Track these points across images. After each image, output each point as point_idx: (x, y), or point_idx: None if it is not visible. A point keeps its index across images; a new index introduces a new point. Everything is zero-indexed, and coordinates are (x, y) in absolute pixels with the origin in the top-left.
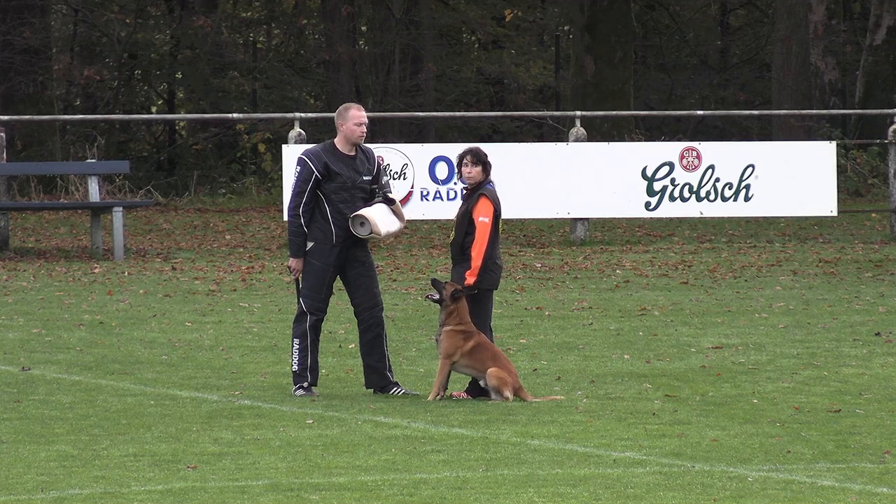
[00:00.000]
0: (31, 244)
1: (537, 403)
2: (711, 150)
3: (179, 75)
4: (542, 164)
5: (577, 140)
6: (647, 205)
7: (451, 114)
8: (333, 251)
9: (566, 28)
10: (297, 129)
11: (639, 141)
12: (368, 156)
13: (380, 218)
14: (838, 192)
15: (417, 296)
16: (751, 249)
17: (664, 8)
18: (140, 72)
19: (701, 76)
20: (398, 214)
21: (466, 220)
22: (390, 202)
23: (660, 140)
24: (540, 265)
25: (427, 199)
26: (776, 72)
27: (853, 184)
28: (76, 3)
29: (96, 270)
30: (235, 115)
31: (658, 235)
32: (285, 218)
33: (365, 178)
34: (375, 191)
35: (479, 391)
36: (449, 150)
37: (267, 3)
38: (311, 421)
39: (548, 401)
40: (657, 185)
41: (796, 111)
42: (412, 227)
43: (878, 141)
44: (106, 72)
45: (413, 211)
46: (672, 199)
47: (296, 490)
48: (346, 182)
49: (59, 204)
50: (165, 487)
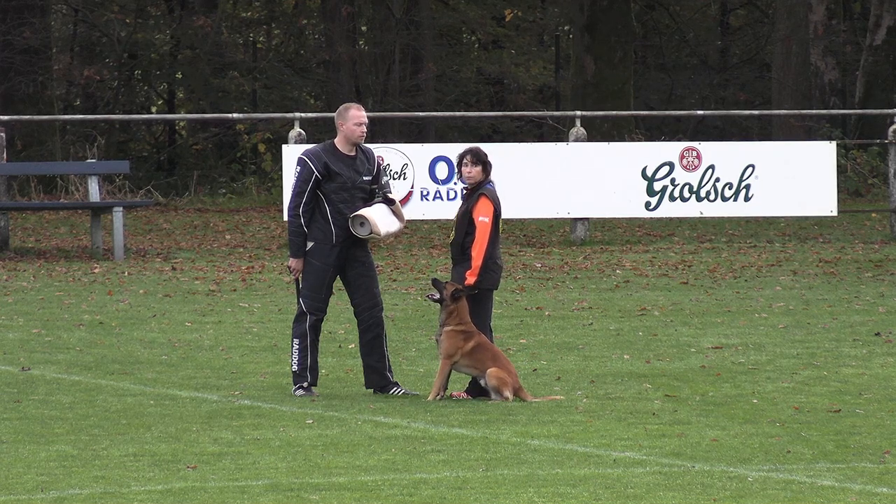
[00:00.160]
0: (31, 244)
1: (537, 403)
2: (711, 150)
3: (179, 75)
4: (542, 164)
5: (577, 140)
6: (647, 205)
7: (451, 114)
8: (333, 251)
9: (566, 28)
10: (297, 129)
11: (639, 141)
12: (368, 156)
13: (380, 218)
14: (838, 192)
15: (417, 296)
16: (751, 249)
17: (664, 8)
18: (140, 72)
19: (701, 76)
20: (398, 214)
21: (466, 220)
22: (390, 202)
23: (660, 140)
24: (540, 265)
25: (427, 199)
26: (776, 72)
27: (853, 184)
28: (76, 3)
29: (96, 270)
30: (235, 115)
31: (658, 235)
32: (285, 218)
33: (365, 178)
34: (375, 191)
35: (479, 391)
36: (449, 150)
37: (267, 3)
38: (311, 421)
39: (548, 401)
40: (657, 185)
41: (796, 111)
42: (412, 227)
43: (878, 141)
44: (106, 72)
45: (413, 211)
46: (672, 199)
47: (296, 490)
48: (346, 182)
49: (59, 204)
50: (165, 487)
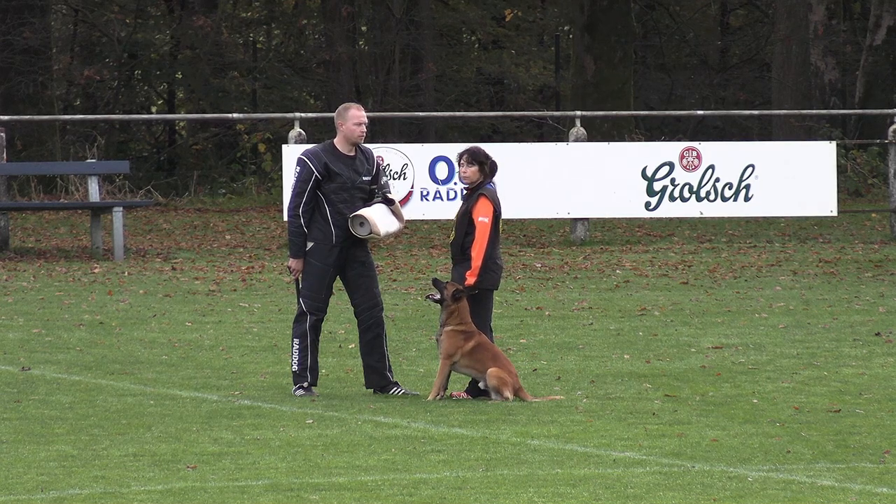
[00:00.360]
0: (31, 244)
1: (537, 403)
2: (711, 150)
3: (179, 75)
4: (542, 164)
5: (577, 140)
6: (647, 205)
7: (451, 114)
8: (333, 251)
9: (566, 28)
10: (297, 129)
11: (639, 141)
12: (368, 156)
13: (379, 218)
14: (838, 192)
15: (417, 296)
16: (751, 249)
17: (664, 8)
18: (140, 72)
19: (701, 76)
20: (398, 215)
21: (466, 220)
22: (390, 202)
23: (660, 140)
24: (540, 265)
25: (427, 199)
26: (776, 72)
27: (853, 184)
28: (76, 3)
29: (96, 270)
30: (235, 115)
31: (658, 235)
32: (285, 218)
33: (364, 178)
34: (375, 191)
35: (478, 391)
36: (449, 150)
37: (267, 3)
38: (311, 421)
39: (548, 401)
40: (657, 185)
41: (796, 111)
42: (412, 227)
43: (878, 141)
44: (106, 72)
45: (413, 211)
46: (672, 199)
47: (296, 490)
48: (346, 182)
49: (59, 204)
50: (165, 487)
